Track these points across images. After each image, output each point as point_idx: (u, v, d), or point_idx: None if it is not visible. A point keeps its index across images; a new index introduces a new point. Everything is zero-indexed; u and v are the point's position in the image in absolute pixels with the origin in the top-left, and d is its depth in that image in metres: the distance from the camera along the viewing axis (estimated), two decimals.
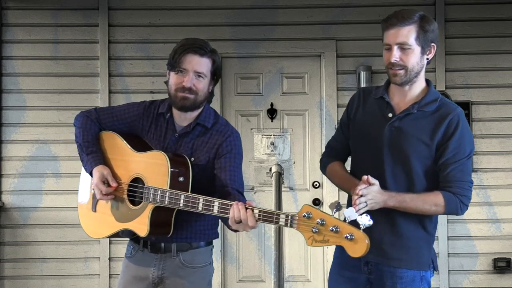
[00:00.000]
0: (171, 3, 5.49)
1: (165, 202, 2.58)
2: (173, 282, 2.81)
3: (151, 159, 2.70)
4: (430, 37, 2.60)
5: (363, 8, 5.45)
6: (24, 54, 5.45)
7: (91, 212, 2.91)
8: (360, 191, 2.48)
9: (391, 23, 2.61)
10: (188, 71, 2.71)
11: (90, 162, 2.81)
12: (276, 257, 3.57)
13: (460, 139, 2.59)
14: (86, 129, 2.88)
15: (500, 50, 5.43)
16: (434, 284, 5.33)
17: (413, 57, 2.59)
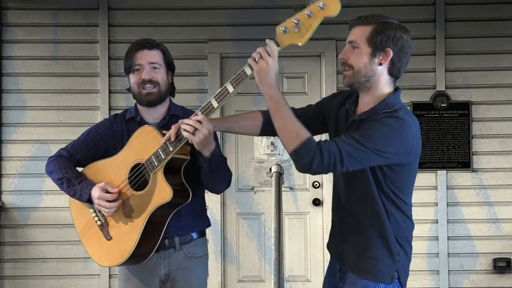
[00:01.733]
0: (171, 3, 5.49)
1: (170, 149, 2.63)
2: (180, 276, 2.89)
3: (137, 140, 2.77)
4: (386, 41, 2.42)
5: (363, 8, 5.45)
6: (24, 54, 5.45)
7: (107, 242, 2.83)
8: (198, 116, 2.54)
9: (352, 24, 2.53)
10: (143, 65, 2.83)
11: (84, 187, 2.80)
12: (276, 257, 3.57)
13: (370, 127, 2.36)
14: (64, 167, 2.89)
15: (500, 50, 5.43)
16: (434, 284, 5.33)
17: (359, 57, 2.44)
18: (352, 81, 2.48)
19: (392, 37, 2.44)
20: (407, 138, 2.38)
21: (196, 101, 5.38)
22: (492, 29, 5.44)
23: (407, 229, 2.55)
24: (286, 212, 4.99)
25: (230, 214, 5.49)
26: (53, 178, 2.91)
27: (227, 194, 5.47)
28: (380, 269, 2.50)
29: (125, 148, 2.81)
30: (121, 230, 2.77)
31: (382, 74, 2.47)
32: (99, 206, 2.77)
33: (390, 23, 2.49)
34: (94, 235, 2.86)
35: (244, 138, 5.43)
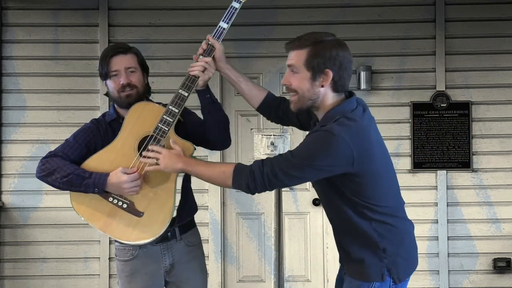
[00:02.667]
0: (171, 3, 5.49)
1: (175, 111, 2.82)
2: (183, 264, 3.05)
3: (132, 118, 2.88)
4: (323, 63, 2.43)
5: (363, 8, 5.46)
6: (24, 54, 5.45)
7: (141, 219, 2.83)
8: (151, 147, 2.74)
9: (289, 47, 2.52)
10: (120, 70, 2.93)
11: (97, 179, 2.81)
12: (276, 257, 3.58)
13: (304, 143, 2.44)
14: (65, 164, 2.89)
15: (500, 50, 5.43)
16: (434, 284, 5.33)
17: (301, 82, 2.46)
18: (298, 106, 2.53)
19: (329, 57, 2.44)
20: (337, 149, 2.37)
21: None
22: (492, 29, 5.44)
23: (397, 225, 2.54)
24: (286, 212, 4.99)
25: (230, 214, 5.49)
26: (55, 178, 2.89)
27: (227, 194, 5.47)
28: (368, 269, 2.51)
29: (122, 131, 2.89)
30: (153, 200, 2.83)
31: (326, 93, 2.49)
32: (126, 190, 2.79)
33: (324, 41, 2.46)
34: (121, 221, 2.83)
35: (244, 138, 5.43)
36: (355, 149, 2.38)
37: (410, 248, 2.59)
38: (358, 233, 2.51)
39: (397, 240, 2.53)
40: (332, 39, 2.48)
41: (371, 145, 2.46)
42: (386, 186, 2.54)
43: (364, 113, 2.53)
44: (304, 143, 2.45)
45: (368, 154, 2.43)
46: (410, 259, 2.59)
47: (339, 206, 2.51)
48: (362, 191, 2.46)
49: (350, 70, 2.52)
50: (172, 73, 5.33)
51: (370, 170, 2.45)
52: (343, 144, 2.37)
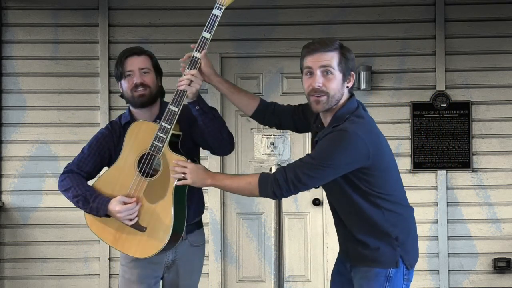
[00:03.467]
0: (171, 3, 5.49)
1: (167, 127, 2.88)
2: (184, 262, 3.16)
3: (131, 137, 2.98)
4: (351, 65, 2.62)
5: (363, 8, 5.46)
6: (24, 54, 5.45)
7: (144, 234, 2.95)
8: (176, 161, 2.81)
9: (314, 48, 2.61)
10: (134, 71, 3.04)
11: (100, 204, 2.96)
12: (276, 257, 3.58)
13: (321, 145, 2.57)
14: (77, 184, 3.04)
15: (500, 50, 5.43)
16: (434, 284, 5.33)
17: (335, 83, 2.59)
18: (327, 107, 2.63)
19: (351, 60, 2.63)
20: (355, 146, 2.53)
21: None
22: (492, 29, 5.44)
23: (403, 213, 2.72)
24: (286, 212, 4.99)
25: (230, 214, 5.49)
26: (69, 196, 3.05)
27: (227, 194, 5.47)
28: (383, 257, 2.65)
29: (123, 149, 3.01)
30: (153, 215, 2.94)
31: (345, 94, 2.66)
32: (120, 219, 2.93)
33: (345, 46, 2.65)
34: (129, 236, 2.98)
35: (244, 138, 5.43)
36: (369, 144, 2.54)
37: (415, 236, 2.77)
38: (372, 224, 2.65)
39: (406, 228, 2.71)
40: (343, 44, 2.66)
41: (380, 140, 2.65)
42: (395, 177, 2.72)
43: (365, 111, 2.71)
44: (321, 145, 2.57)
45: (379, 148, 2.61)
46: (416, 246, 2.77)
47: (353, 198, 2.64)
48: (375, 183, 2.61)
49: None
50: (172, 73, 5.29)
51: (382, 163, 2.62)
52: (359, 141, 2.52)
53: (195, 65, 2.94)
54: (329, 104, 2.61)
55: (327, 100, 2.60)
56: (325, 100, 2.60)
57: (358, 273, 2.72)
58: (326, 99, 2.60)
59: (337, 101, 2.62)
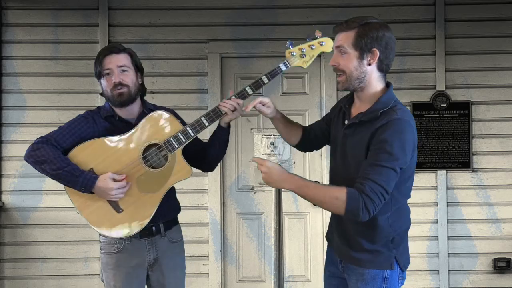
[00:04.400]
0: (171, 3, 5.49)
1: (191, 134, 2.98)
2: (165, 259, 3.16)
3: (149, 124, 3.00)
4: (370, 43, 2.58)
5: (363, 8, 5.45)
6: (24, 54, 5.45)
7: (118, 215, 2.97)
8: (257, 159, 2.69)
9: (335, 30, 2.69)
10: (112, 69, 3.04)
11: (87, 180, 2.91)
12: (276, 257, 3.58)
13: (384, 142, 2.48)
14: (58, 156, 2.93)
15: (500, 50, 5.43)
16: (434, 284, 5.33)
17: (349, 62, 2.62)
18: (346, 85, 2.66)
19: (376, 37, 2.59)
20: (412, 136, 2.53)
21: (196, 101, 5.38)
22: (492, 29, 5.44)
23: (403, 215, 2.71)
24: (286, 212, 4.99)
25: (230, 214, 5.49)
26: (45, 167, 2.91)
27: (227, 194, 5.47)
28: (379, 258, 2.64)
29: (136, 129, 3.01)
30: (136, 203, 2.96)
31: (372, 73, 2.64)
32: (111, 196, 2.91)
33: (371, 23, 2.62)
34: (99, 209, 2.97)
35: (244, 138, 5.44)
36: (416, 135, 2.57)
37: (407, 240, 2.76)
38: (372, 224, 2.61)
39: (401, 228, 2.68)
40: (377, 21, 2.64)
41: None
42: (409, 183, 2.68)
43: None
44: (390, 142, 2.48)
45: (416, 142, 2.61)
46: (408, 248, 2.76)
47: None
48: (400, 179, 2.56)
49: (394, 51, 2.67)
50: (172, 73, 5.34)
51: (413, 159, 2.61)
52: (413, 130, 2.55)
53: (243, 97, 3.04)
54: (349, 82, 2.64)
55: (345, 79, 2.64)
56: (343, 79, 2.65)
57: (354, 275, 2.69)
58: (344, 78, 2.65)
59: (359, 79, 2.63)
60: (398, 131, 2.50)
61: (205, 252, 5.35)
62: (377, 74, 2.64)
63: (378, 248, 2.64)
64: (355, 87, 2.65)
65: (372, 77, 2.63)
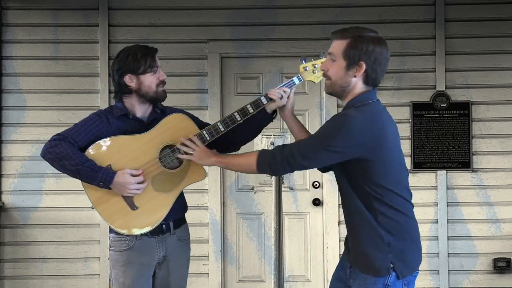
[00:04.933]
0: (171, 3, 5.49)
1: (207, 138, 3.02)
2: (173, 257, 3.20)
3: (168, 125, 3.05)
4: (359, 55, 2.63)
5: (363, 8, 5.45)
6: (24, 54, 5.45)
7: (132, 212, 3.03)
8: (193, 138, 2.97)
9: (332, 36, 2.76)
10: (159, 67, 3.14)
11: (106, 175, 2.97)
12: (276, 257, 3.58)
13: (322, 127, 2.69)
14: (76, 152, 2.97)
15: (500, 50, 5.43)
16: (434, 284, 5.33)
17: (336, 69, 2.69)
18: (330, 90, 2.77)
19: (365, 51, 2.63)
20: (351, 131, 2.56)
21: (196, 101, 5.38)
22: (492, 29, 5.44)
23: (401, 221, 2.66)
24: (286, 212, 4.99)
25: (230, 214, 5.49)
26: (64, 164, 2.94)
27: (227, 194, 5.47)
28: (375, 263, 2.63)
29: (155, 129, 3.05)
30: (151, 201, 3.02)
31: (357, 84, 2.69)
32: (129, 190, 2.97)
33: (364, 37, 2.66)
34: (114, 205, 3.02)
35: None
36: (368, 133, 2.57)
37: (416, 246, 2.71)
38: (365, 225, 2.65)
39: (400, 237, 2.65)
40: (372, 35, 2.68)
41: (385, 134, 2.64)
42: (394, 177, 2.67)
43: (384, 108, 2.73)
44: (322, 126, 2.70)
45: (380, 141, 2.61)
46: (416, 257, 2.71)
47: (350, 195, 2.67)
48: (371, 177, 2.61)
49: (385, 67, 2.71)
50: (172, 73, 5.33)
51: (380, 157, 2.61)
52: (357, 127, 2.56)
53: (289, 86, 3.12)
54: (333, 89, 2.73)
55: (330, 84, 2.73)
56: (329, 84, 2.74)
57: (357, 279, 2.69)
58: (330, 83, 2.73)
59: (342, 88, 2.69)
60: (334, 120, 2.65)
61: (205, 252, 5.35)
62: (361, 86, 2.69)
63: (372, 250, 2.62)
64: (338, 93, 2.73)
65: (356, 87, 2.69)
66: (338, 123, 2.61)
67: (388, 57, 2.69)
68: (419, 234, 2.73)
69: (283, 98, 3.08)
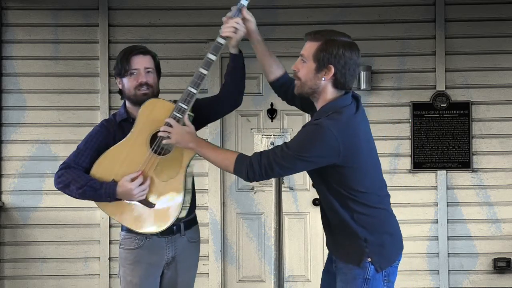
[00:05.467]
0: (171, 3, 5.49)
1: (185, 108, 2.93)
2: (182, 258, 3.19)
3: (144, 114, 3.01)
4: (328, 59, 2.65)
5: (363, 8, 5.46)
6: (24, 54, 5.45)
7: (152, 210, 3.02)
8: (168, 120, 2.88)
9: (306, 37, 2.76)
10: (140, 69, 3.07)
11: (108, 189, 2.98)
12: (276, 257, 3.58)
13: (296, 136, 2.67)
14: (79, 175, 3.03)
15: (500, 50, 5.43)
16: (434, 284, 5.33)
17: (306, 70, 2.70)
18: (300, 91, 2.77)
19: (335, 55, 2.65)
20: (325, 141, 2.58)
21: None
22: (492, 29, 5.44)
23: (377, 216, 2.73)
24: (286, 212, 4.99)
25: (230, 214, 5.49)
26: (71, 190, 3.02)
27: (227, 194, 5.47)
28: (350, 251, 2.71)
29: (135, 126, 3.03)
30: (163, 192, 3.01)
31: (326, 87, 2.71)
32: (135, 196, 2.97)
33: (336, 40, 2.69)
34: (133, 211, 3.03)
35: (244, 138, 5.43)
36: (341, 142, 2.58)
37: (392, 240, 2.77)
38: (342, 224, 2.71)
39: (378, 231, 2.72)
40: (344, 40, 2.72)
41: (358, 140, 2.66)
42: (370, 180, 2.72)
43: (357, 111, 2.74)
44: (296, 136, 2.68)
45: (354, 148, 2.63)
46: (394, 250, 2.77)
47: (327, 196, 2.71)
48: (347, 182, 2.66)
49: (355, 72, 2.73)
50: (172, 73, 5.33)
51: (355, 163, 2.65)
52: (331, 137, 2.58)
53: (238, 14, 3.04)
54: (303, 89, 2.73)
55: (300, 85, 2.74)
56: (298, 84, 2.75)
57: (339, 274, 2.75)
58: (299, 83, 2.74)
59: (311, 89, 2.70)
60: (307, 130, 2.64)
61: (205, 252, 5.35)
62: (331, 89, 2.70)
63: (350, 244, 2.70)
64: (308, 94, 2.74)
65: (326, 91, 2.70)
66: (311, 134, 2.62)
67: (359, 63, 2.73)
68: (398, 225, 2.80)
69: (239, 30, 3.02)
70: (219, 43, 2.97)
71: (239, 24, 3.02)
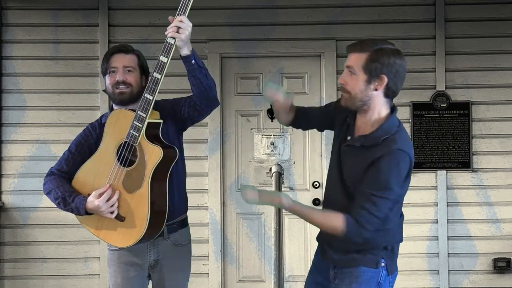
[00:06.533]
0: (171, 3, 5.43)
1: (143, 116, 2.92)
2: (167, 262, 3.17)
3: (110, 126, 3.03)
4: (380, 68, 2.58)
5: (363, 8, 5.46)
6: (24, 54, 5.45)
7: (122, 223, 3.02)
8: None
9: (350, 49, 2.67)
10: (118, 68, 3.09)
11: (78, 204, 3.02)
12: (276, 257, 3.57)
13: (380, 173, 2.57)
14: (57, 185, 3.09)
15: (500, 50, 5.43)
16: (434, 284, 5.33)
17: (356, 83, 2.61)
18: (349, 104, 2.68)
19: (387, 64, 2.59)
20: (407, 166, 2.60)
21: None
22: (492, 29, 5.44)
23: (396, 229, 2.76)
24: (286, 212, 4.99)
25: (230, 214, 5.49)
26: (51, 198, 3.11)
27: (227, 194, 5.47)
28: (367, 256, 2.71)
29: (104, 138, 3.06)
30: (131, 205, 2.99)
31: (377, 97, 2.65)
32: (104, 213, 2.97)
33: (384, 49, 2.61)
34: (109, 226, 3.04)
35: (244, 138, 5.43)
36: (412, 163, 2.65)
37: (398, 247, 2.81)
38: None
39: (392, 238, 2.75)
40: (392, 47, 2.63)
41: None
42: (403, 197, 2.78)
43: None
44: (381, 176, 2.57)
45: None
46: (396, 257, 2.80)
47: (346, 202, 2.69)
48: None
49: (404, 78, 2.66)
50: (172, 73, 5.27)
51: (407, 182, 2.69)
52: (408, 159, 2.61)
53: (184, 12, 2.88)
54: (352, 102, 2.65)
55: (349, 98, 2.65)
56: (347, 97, 2.66)
57: (347, 278, 2.73)
58: (348, 96, 2.65)
59: (362, 102, 2.63)
60: (395, 162, 2.56)
61: (205, 252, 5.35)
62: (382, 100, 2.65)
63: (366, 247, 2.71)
64: (357, 107, 2.67)
65: (377, 102, 2.65)
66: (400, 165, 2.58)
67: (406, 69, 2.66)
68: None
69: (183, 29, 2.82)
70: (168, 42, 2.88)
71: (183, 23, 2.85)
